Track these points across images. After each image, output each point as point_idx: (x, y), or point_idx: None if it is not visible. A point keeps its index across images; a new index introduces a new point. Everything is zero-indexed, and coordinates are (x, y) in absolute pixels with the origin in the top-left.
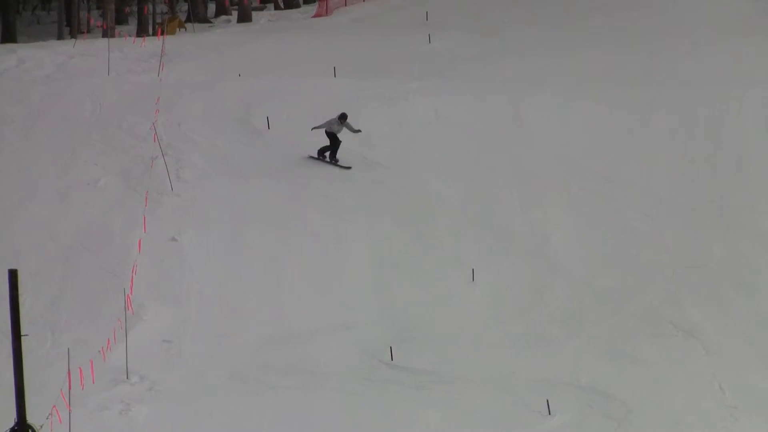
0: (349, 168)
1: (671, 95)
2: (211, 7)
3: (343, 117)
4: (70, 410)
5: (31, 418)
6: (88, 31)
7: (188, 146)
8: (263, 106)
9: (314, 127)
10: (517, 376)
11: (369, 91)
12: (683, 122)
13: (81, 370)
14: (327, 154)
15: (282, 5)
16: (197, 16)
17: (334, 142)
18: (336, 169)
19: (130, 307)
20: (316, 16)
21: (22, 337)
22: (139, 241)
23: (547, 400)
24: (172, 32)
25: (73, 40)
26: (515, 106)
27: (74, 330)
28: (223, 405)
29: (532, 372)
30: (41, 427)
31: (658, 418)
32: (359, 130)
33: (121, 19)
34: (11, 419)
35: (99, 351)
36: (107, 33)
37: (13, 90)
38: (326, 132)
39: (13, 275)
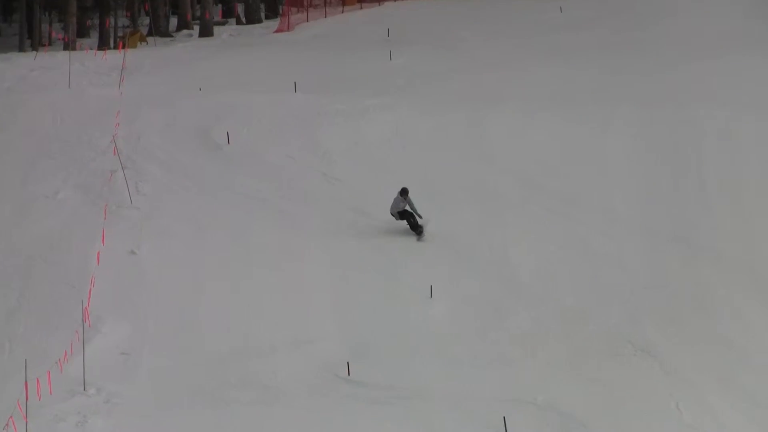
0: (421, 235)
1: (631, 114)
2: (173, 22)
3: (404, 192)
4: (26, 421)
5: None
6: (50, 44)
7: (148, 160)
8: (224, 120)
9: (392, 213)
10: (475, 394)
11: (329, 107)
12: (643, 142)
13: (38, 381)
14: (417, 229)
15: (244, 20)
16: (159, 30)
17: (407, 217)
18: (293, 187)
19: (87, 320)
20: (277, 31)
21: None
22: (98, 253)
23: (504, 417)
24: (134, 46)
25: (34, 52)
26: (475, 123)
27: (32, 341)
28: (180, 419)
29: (490, 389)
30: None
31: None
32: (420, 216)
33: (82, 32)
34: None
35: (56, 362)
36: (68, 46)
37: None
38: (397, 213)
39: None
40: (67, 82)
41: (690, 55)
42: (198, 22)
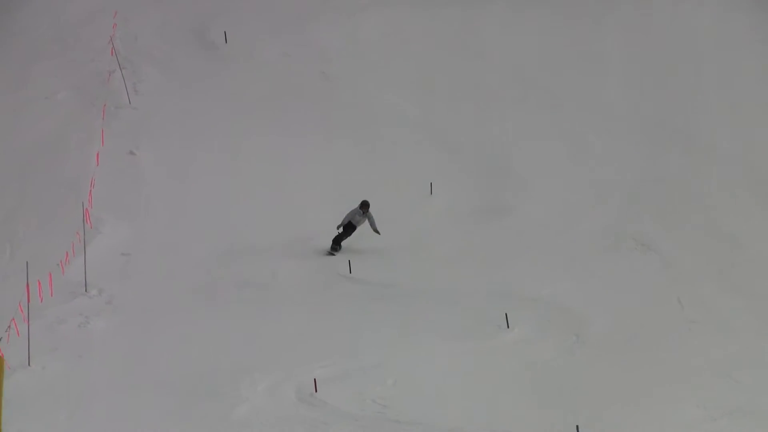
0: (333, 255)
1: (626, 6)
2: None
3: (364, 205)
4: (28, 323)
5: None
6: None
7: (145, 60)
8: (220, 19)
9: (339, 226)
10: (476, 290)
11: (327, 3)
12: (638, 35)
13: (39, 284)
14: (338, 245)
15: None
16: None
17: (348, 233)
18: (290, 85)
19: (88, 221)
20: None
21: None
22: (97, 154)
23: (506, 314)
24: None
25: None
26: (468, 19)
27: (32, 243)
28: (180, 317)
29: (491, 286)
30: (0, 339)
31: (616, 331)
32: (378, 233)
33: None
34: None
35: (57, 264)
36: None
37: None
38: (345, 226)
39: None
40: None
41: None
42: None
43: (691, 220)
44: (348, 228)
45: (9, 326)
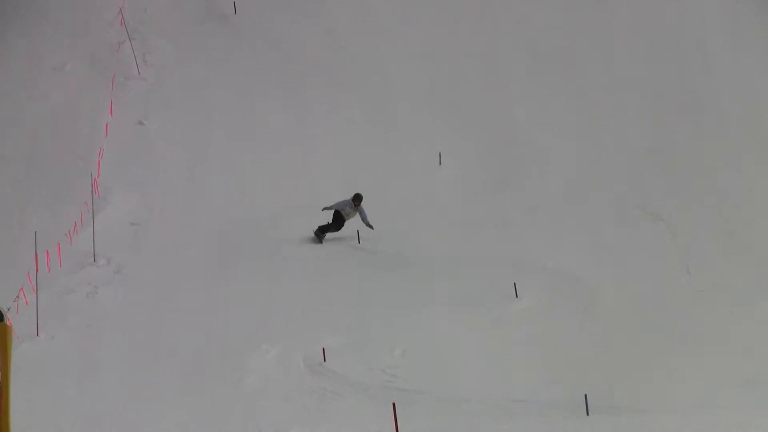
0: (320, 243)
1: None
2: None
3: (357, 198)
4: (36, 294)
5: None
6: None
7: (155, 31)
8: None
9: (325, 208)
10: (484, 260)
11: None
12: (648, 8)
13: (48, 254)
14: (322, 235)
15: None
16: None
17: (338, 225)
18: (299, 56)
19: (96, 191)
20: None
21: None
22: (106, 124)
23: (515, 284)
24: None
25: None
26: None
27: (41, 214)
28: (190, 287)
29: (499, 256)
30: (8, 309)
31: (624, 302)
32: (371, 227)
33: None
34: None
35: (66, 234)
36: None
37: None
38: (335, 212)
39: None
40: None
41: None
42: None
43: (696, 189)
44: (337, 219)
45: (18, 296)
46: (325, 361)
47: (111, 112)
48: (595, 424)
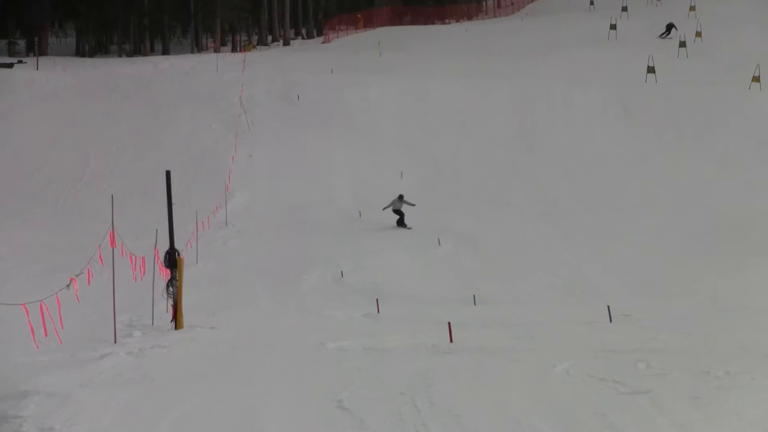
0: (410, 228)
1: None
2: (269, 38)
3: (401, 196)
4: (197, 241)
5: (176, 245)
6: (206, 48)
7: (257, 108)
8: (296, 88)
9: (384, 208)
10: (423, 226)
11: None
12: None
13: (203, 223)
14: (404, 223)
15: (305, 36)
16: (262, 42)
17: (400, 213)
18: (336, 120)
19: (227, 190)
20: (324, 42)
21: (173, 204)
22: (232, 157)
23: (438, 238)
24: (249, 50)
25: (198, 54)
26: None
27: (199, 202)
28: (273, 238)
29: (430, 224)
30: (182, 250)
31: (497, 245)
32: (414, 204)
33: (223, 42)
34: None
35: (212, 212)
36: (217, 49)
37: (163, 80)
38: (393, 210)
39: (167, 175)
40: (216, 68)
41: None
42: (282, 37)
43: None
44: (396, 212)
45: (188, 241)
46: (342, 277)
47: (235, 150)
48: (479, 310)
